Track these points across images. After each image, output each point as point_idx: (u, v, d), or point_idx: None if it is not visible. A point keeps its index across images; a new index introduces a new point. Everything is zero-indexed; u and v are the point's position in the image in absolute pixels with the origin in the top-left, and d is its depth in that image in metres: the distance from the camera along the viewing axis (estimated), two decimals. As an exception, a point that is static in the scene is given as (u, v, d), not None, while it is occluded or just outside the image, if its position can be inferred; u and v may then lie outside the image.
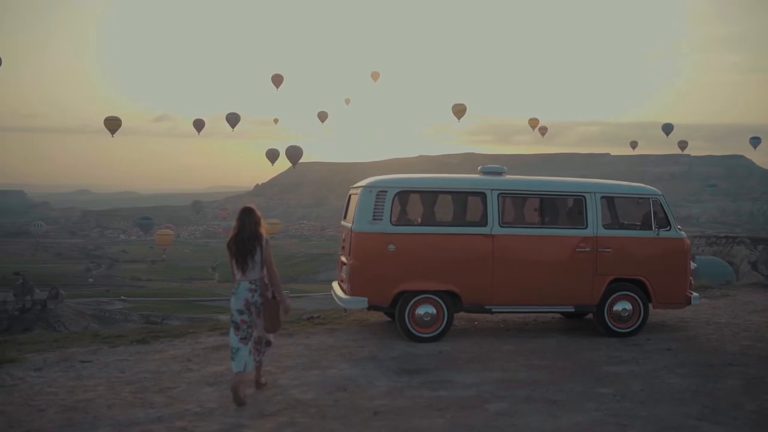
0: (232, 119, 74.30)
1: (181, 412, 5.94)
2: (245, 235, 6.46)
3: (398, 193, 8.79)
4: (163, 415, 5.85)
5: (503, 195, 8.95)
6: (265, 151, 79.28)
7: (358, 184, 9.20)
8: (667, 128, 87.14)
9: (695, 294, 9.51)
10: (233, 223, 6.63)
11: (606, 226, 9.13)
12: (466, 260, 8.76)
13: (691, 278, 9.54)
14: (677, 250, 9.32)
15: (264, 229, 6.60)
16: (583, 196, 9.08)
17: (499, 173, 9.35)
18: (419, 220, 9.09)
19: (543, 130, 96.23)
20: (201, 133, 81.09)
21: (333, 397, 6.43)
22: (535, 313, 9.95)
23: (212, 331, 9.25)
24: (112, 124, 68.63)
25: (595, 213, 9.02)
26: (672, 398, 6.55)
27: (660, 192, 9.42)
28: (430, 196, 9.09)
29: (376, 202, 8.67)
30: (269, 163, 79.39)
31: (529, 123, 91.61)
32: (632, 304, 9.09)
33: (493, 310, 8.96)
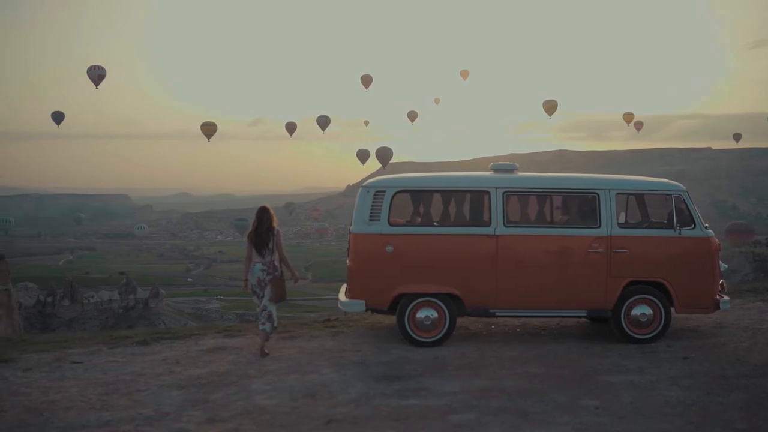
0: (323, 121, 75.19)
1: (134, 416, 5.92)
2: (263, 228, 8.07)
3: (397, 193, 8.51)
4: (113, 419, 5.83)
5: (509, 193, 8.52)
6: (356, 151, 79.91)
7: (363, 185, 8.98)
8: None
9: (725, 297, 8.75)
10: (253, 220, 8.23)
11: (622, 225, 8.56)
12: (469, 262, 8.39)
13: (721, 280, 8.81)
14: (702, 250, 8.61)
15: (276, 223, 8.20)
16: (597, 194, 8.53)
17: (510, 170, 8.92)
18: (419, 220, 8.78)
19: (638, 125, 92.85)
20: (293, 135, 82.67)
21: (294, 404, 6.25)
22: (552, 317, 9.42)
23: (218, 333, 9.24)
24: (209, 130, 70.69)
25: (609, 211, 8.46)
26: (659, 413, 6.00)
27: (683, 188, 8.75)
28: (430, 195, 8.76)
29: (373, 202, 8.43)
30: (360, 163, 79.94)
31: (623, 118, 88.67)
32: (652, 309, 8.47)
33: (498, 314, 8.54)
